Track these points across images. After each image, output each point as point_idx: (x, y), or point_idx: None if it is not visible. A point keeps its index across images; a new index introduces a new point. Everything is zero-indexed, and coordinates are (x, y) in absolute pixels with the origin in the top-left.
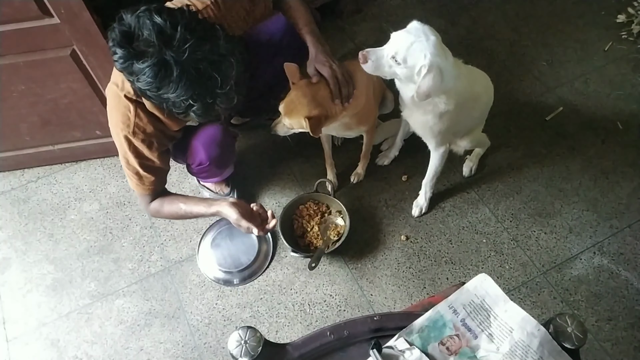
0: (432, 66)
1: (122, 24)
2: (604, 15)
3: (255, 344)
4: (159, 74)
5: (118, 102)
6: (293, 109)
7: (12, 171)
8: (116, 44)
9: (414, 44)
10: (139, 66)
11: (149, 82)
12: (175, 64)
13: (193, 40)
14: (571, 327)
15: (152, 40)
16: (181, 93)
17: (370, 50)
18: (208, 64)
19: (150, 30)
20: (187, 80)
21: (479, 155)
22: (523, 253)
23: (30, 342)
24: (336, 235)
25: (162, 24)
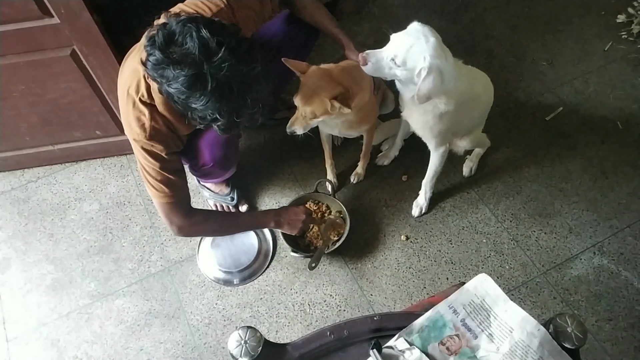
0: (432, 68)
1: (167, 28)
2: (604, 15)
3: (255, 344)
4: (193, 85)
5: (133, 108)
6: (312, 95)
7: (12, 171)
8: (157, 47)
9: (413, 46)
10: (173, 72)
11: (181, 90)
12: (212, 79)
13: (233, 61)
14: (571, 327)
15: (194, 52)
16: (210, 106)
17: (370, 52)
18: (241, 85)
19: (195, 42)
20: (218, 96)
21: (479, 155)
22: (523, 253)
23: (30, 342)
24: (336, 235)
25: (208, 39)
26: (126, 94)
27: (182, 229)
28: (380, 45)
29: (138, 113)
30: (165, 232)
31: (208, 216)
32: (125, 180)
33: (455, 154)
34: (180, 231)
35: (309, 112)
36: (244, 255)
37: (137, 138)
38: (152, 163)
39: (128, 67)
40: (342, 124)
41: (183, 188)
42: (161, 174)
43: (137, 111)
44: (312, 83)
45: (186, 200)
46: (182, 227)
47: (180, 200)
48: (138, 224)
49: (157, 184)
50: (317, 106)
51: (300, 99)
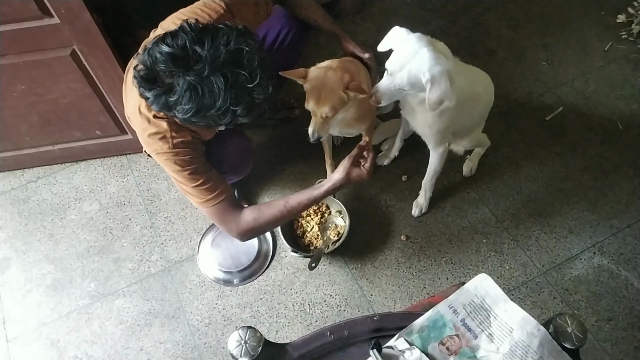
0: (435, 78)
1: (140, 68)
2: (604, 15)
3: (255, 344)
4: (192, 97)
5: (149, 125)
6: (323, 94)
7: (12, 171)
8: (144, 89)
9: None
10: (172, 99)
11: (188, 109)
12: (202, 82)
13: (205, 52)
14: (571, 327)
15: (171, 69)
16: (221, 104)
17: (378, 91)
18: (229, 65)
19: (165, 61)
20: (219, 90)
21: (479, 155)
22: (523, 253)
23: (30, 342)
24: (336, 235)
25: (172, 51)
26: (138, 112)
27: (240, 232)
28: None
29: (155, 128)
30: (165, 232)
31: (259, 210)
32: (125, 180)
33: (455, 154)
34: (240, 235)
35: (328, 111)
36: (244, 255)
37: (160, 151)
38: (184, 170)
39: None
40: (341, 122)
41: (225, 190)
42: (195, 179)
43: (155, 127)
44: (318, 83)
45: (230, 200)
46: (240, 229)
47: (226, 200)
48: (138, 224)
49: (195, 191)
50: (333, 102)
51: (314, 103)
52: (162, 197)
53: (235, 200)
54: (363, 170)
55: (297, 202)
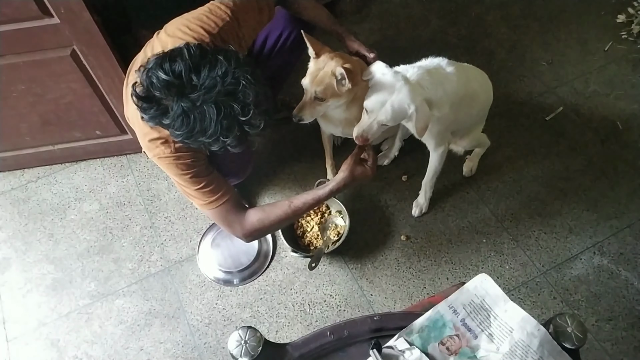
0: (418, 108)
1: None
2: (604, 15)
3: (255, 344)
4: (183, 124)
5: (151, 129)
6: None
7: (12, 171)
8: (140, 109)
9: (393, 103)
10: (165, 122)
11: (180, 134)
12: (195, 110)
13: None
14: (571, 327)
15: (166, 96)
16: (210, 133)
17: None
18: (224, 96)
19: (160, 87)
20: (210, 120)
21: (479, 155)
22: (523, 253)
23: (30, 342)
24: (336, 235)
25: (167, 78)
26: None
27: (245, 233)
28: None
29: (157, 133)
30: (165, 232)
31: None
32: (125, 180)
33: (455, 154)
34: (245, 236)
35: (319, 91)
36: (244, 255)
37: (162, 155)
38: (186, 174)
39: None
40: (344, 122)
41: (227, 191)
42: (198, 182)
43: (156, 132)
44: (321, 64)
45: (233, 201)
46: (245, 231)
47: (229, 201)
48: (138, 224)
49: (198, 194)
50: (326, 84)
51: (310, 79)
52: (162, 197)
53: (238, 201)
54: (367, 168)
55: (302, 203)
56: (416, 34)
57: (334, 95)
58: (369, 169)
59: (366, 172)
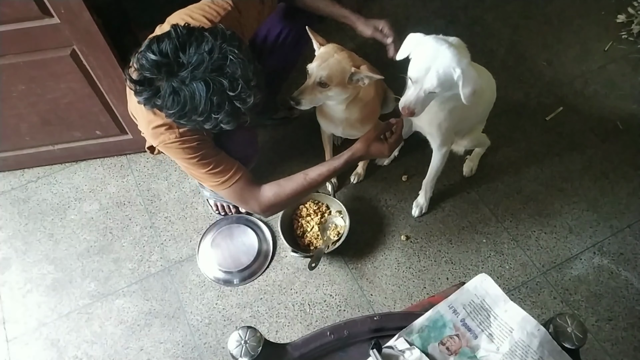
0: (464, 71)
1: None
2: (604, 15)
3: (255, 344)
4: (174, 102)
5: (155, 116)
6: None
7: (12, 171)
8: (135, 92)
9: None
10: (159, 102)
11: (174, 113)
12: (184, 87)
13: (187, 58)
14: (571, 327)
15: (156, 75)
16: (202, 110)
17: (409, 102)
18: (211, 72)
19: (150, 67)
20: (200, 97)
21: (479, 155)
22: (523, 253)
23: (30, 342)
24: (336, 235)
25: (155, 58)
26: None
27: (262, 208)
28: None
29: (161, 120)
30: (165, 232)
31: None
32: (125, 180)
33: (456, 154)
34: (263, 210)
35: (325, 76)
36: (244, 255)
37: (168, 142)
38: (193, 157)
39: None
40: (344, 123)
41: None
42: (206, 164)
43: (161, 118)
44: (332, 52)
45: (245, 179)
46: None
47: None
48: (138, 224)
49: (208, 176)
50: (334, 71)
51: (317, 64)
52: (162, 197)
53: (251, 178)
54: (384, 145)
55: (317, 174)
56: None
57: (338, 84)
58: (386, 147)
59: (383, 149)
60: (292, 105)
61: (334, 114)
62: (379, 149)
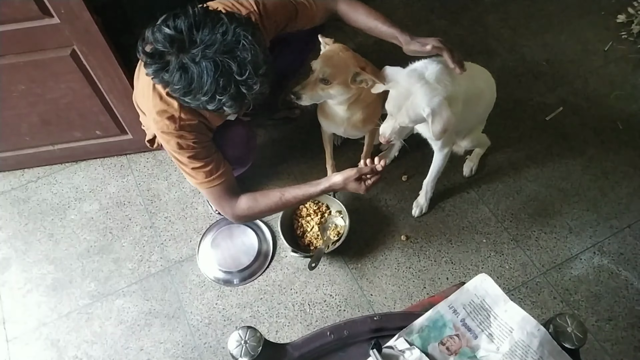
0: (434, 110)
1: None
2: (604, 15)
3: (255, 344)
4: (182, 78)
5: (160, 101)
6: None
7: (12, 171)
8: (145, 63)
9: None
10: (166, 76)
11: (179, 88)
12: (193, 65)
13: (201, 37)
14: (571, 327)
15: (167, 49)
16: (207, 90)
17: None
18: (222, 54)
19: (163, 41)
20: (207, 76)
21: (479, 155)
22: (523, 253)
23: (30, 342)
24: (336, 235)
25: (170, 32)
26: (152, 88)
27: (235, 217)
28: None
29: (166, 106)
30: (165, 232)
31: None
32: (125, 180)
33: (456, 154)
34: (235, 219)
35: (329, 72)
36: (244, 255)
37: (166, 130)
38: (184, 152)
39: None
40: (347, 123)
41: (224, 174)
42: (194, 162)
43: (165, 104)
44: (338, 51)
45: (228, 184)
46: (234, 215)
47: (223, 184)
48: (138, 224)
49: (194, 172)
50: (338, 68)
51: (321, 61)
52: (162, 197)
53: (233, 185)
54: (362, 185)
55: (292, 196)
56: (416, 34)
57: (341, 83)
58: (363, 188)
59: (359, 189)
60: (292, 100)
61: (335, 114)
62: (356, 188)
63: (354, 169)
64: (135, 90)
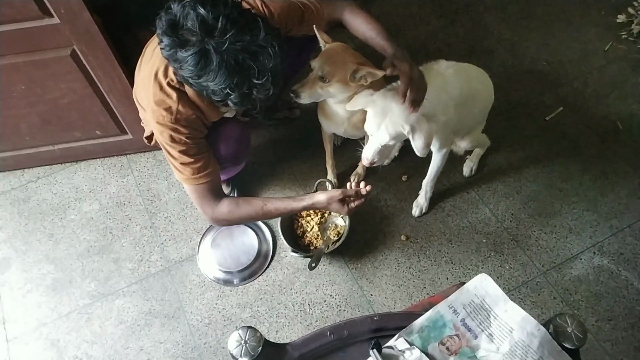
0: (414, 126)
1: (169, 12)
2: (604, 15)
3: (255, 344)
4: (200, 62)
5: (160, 91)
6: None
7: (12, 171)
8: (162, 32)
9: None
10: (182, 54)
11: (191, 70)
12: (216, 53)
13: (233, 31)
14: (571, 327)
15: (195, 30)
16: (220, 81)
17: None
18: (247, 54)
19: (194, 20)
20: (225, 69)
21: (479, 155)
22: (523, 253)
23: (30, 342)
24: (336, 235)
25: (205, 15)
26: (153, 77)
27: (214, 219)
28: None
29: (165, 96)
30: (165, 232)
31: (236, 205)
32: (125, 180)
33: (456, 154)
34: (213, 221)
35: (328, 71)
36: (244, 255)
37: (161, 121)
38: (176, 145)
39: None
40: (347, 123)
41: (211, 173)
42: (184, 157)
43: (164, 94)
44: (337, 49)
45: (213, 185)
46: (213, 216)
47: (207, 184)
48: (138, 224)
49: (181, 167)
50: (337, 66)
51: (320, 60)
52: (162, 197)
53: (218, 187)
54: (345, 207)
55: (274, 208)
56: (416, 34)
57: (340, 80)
58: (345, 210)
59: (341, 210)
60: (291, 98)
61: (336, 114)
62: (338, 209)
63: (338, 190)
64: (135, 84)
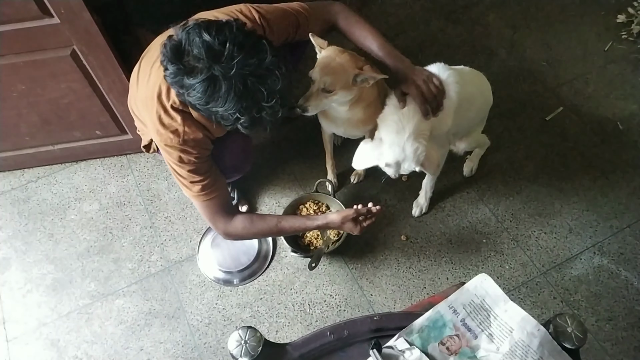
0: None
1: (173, 40)
2: (604, 15)
3: (255, 344)
4: (208, 89)
5: (164, 114)
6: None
7: (12, 171)
8: (167, 60)
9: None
10: (189, 82)
11: (199, 97)
12: (224, 79)
13: (240, 56)
14: (571, 327)
15: (202, 57)
16: (229, 107)
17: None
18: (255, 78)
19: (200, 47)
20: (234, 94)
21: (479, 155)
22: (523, 253)
23: (30, 342)
24: (336, 235)
25: (211, 41)
26: (156, 100)
27: (226, 234)
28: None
29: (170, 120)
30: (165, 232)
31: (251, 221)
32: (125, 180)
33: (456, 154)
34: (226, 235)
35: (329, 82)
36: (244, 255)
37: (169, 143)
38: (185, 166)
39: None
40: (347, 123)
41: (219, 188)
42: (194, 176)
43: (169, 118)
44: (334, 56)
45: (223, 199)
46: (226, 232)
47: (217, 199)
48: (138, 224)
49: (191, 185)
50: (338, 75)
51: (319, 70)
52: (162, 197)
53: (228, 202)
54: (357, 227)
55: (289, 225)
56: (416, 34)
57: (343, 87)
58: (358, 229)
59: (354, 229)
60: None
61: (336, 115)
62: (351, 228)
63: (351, 210)
64: (131, 96)
